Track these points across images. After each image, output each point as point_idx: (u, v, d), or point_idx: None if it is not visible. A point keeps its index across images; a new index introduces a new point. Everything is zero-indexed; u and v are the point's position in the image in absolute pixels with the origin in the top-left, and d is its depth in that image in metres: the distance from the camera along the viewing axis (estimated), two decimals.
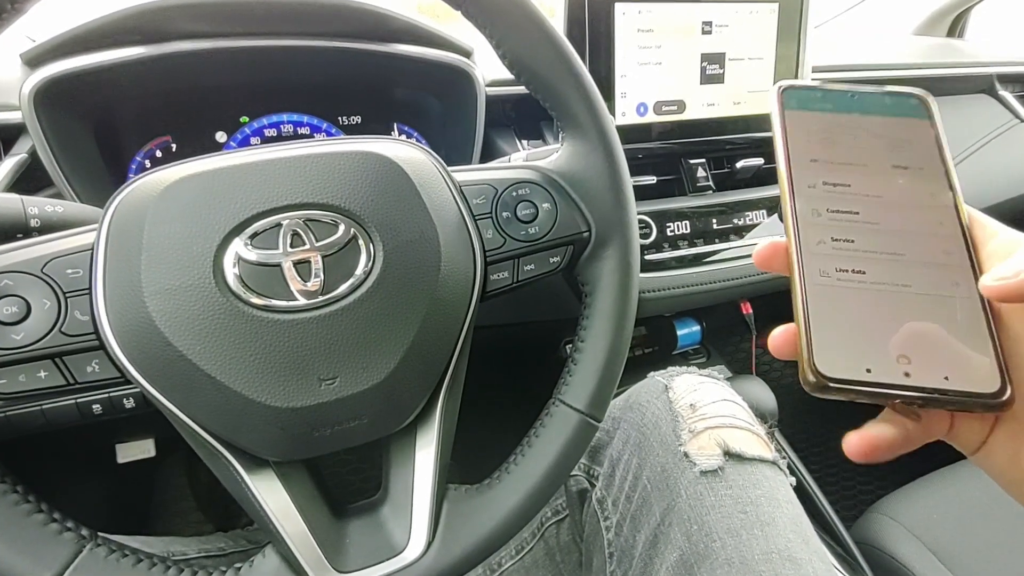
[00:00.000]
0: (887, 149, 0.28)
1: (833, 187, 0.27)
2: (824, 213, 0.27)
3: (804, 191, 0.28)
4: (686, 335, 0.89)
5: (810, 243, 0.26)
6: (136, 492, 0.96)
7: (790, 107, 0.29)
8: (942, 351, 0.24)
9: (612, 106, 0.68)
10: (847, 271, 0.26)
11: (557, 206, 0.41)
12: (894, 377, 0.24)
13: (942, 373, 0.24)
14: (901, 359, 0.24)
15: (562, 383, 0.41)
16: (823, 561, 0.44)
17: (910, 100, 0.29)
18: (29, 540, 0.30)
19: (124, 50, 0.57)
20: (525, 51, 0.38)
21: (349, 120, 0.71)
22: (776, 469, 0.49)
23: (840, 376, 0.24)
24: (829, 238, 0.26)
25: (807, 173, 0.28)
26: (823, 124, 0.29)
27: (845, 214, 0.27)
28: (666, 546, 0.46)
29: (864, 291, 0.25)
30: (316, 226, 0.33)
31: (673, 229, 0.72)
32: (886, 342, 0.24)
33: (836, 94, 0.30)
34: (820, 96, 0.30)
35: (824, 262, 0.26)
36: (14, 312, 0.30)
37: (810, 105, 0.30)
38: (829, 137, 0.29)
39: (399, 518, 0.37)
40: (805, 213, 0.27)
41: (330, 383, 0.33)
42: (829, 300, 0.25)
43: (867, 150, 0.28)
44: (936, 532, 0.67)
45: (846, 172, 0.28)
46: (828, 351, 0.24)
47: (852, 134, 0.29)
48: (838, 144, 0.28)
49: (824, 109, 0.29)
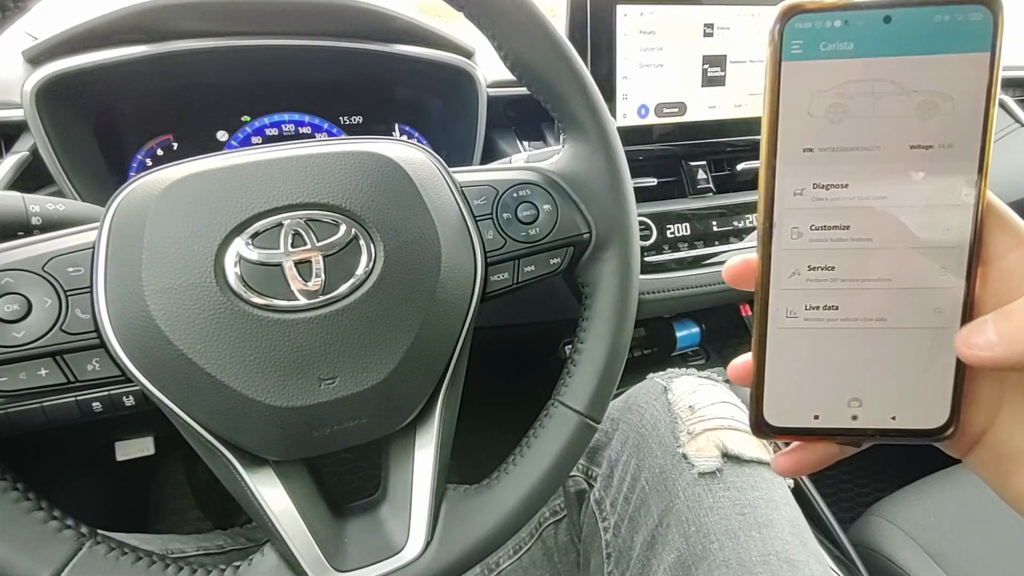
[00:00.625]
0: (915, 116, 0.21)
1: (825, 191, 0.22)
2: (806, 232, 0.23)
3: (787, 201, 0.23)
4: (685, 337, 0.89)
5: (782, 276, 0.23)
6: (135, 490, 0.96)
7: (791, 55, 0.22)
8: (897, 391, 0.23)
9: (613, 108, 0.68)
10: (817, 308, 0.23)
11: (558, 208, 0.41)
12: (841, 422, 0.24)
13: (890, 413, 0.23)
14: (852, 402, 0.24)
15: (561, 384, 0.41)
16: (820, 563, 0.44)
17: (971, 16, 0.21)
18: (28, 537, 0.30)
19: (126, 49, 0.57)
20: (527, 52, 0.38)
21: (350, 120, 0.72)
22: (774, 471, 0.49)
23: (785, 425, 0.24)
24: (805, 267, 0.23)
25: (795, 172, 0.22)
26: (834, 80, 0.22)
27: (831, 231, 0.23)
28: (664, 547, 0.46)
29: (830, 331, 0.23)
30: (317, 226, 0.33)
31: (673, 231, 0.72)
32: (841, 386, 0.24)
33: (864, 19, 0.21)
34: (839, 27, 0.21)
35: (793, 300, 0.23)
36: (15, 310, 0.30)
37: (821, 48, 0.21)
38: (838, 104, 0.22)
39: (398, 518, 0.37)
40: (783, 235, 0.23)
41: (330, 383, 0.33)
42: (789, 346, 0.24)
43: (886, 120, 0.22)
44: (933, 535, 0.67)
45: (847, 164, 0.22)
46: (778, 400, 0.24)
47: (872, 92, 0.21)
48: (848, 115, 0.22)
49: (840, 52, 0.21)
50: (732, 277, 0.26)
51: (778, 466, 0.26)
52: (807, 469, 0.26)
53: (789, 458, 0.26)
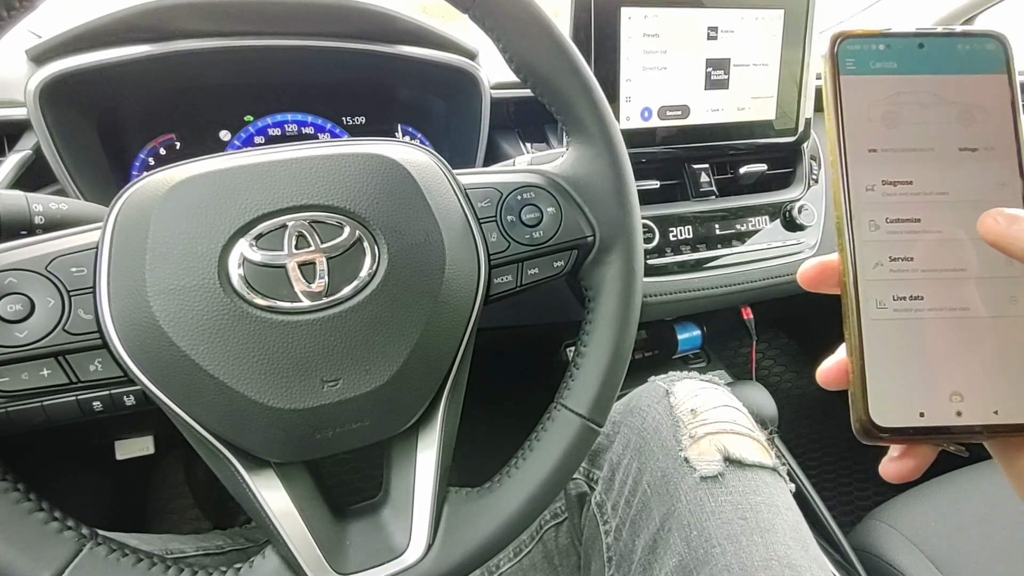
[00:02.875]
0: (957, 123, 0.24)
1: (894, 187, 0.24)
2: (882, 225, 0.24)
3: (861, 197, 0.24)
4: (687, 340, 0.89)
5: (866, 267, 0.24)
6: (134, 489, 0.96)
7: (847, 70, 0.25)
8: (994, 383, 0.23)
9: (617, 110, 0.68)
10: (904, 298, 0.24)
11: (562, 210, 0.41)
12: (946, 419, 0.23)
13: (993, 407, 0.23)
14: (954, 396, 0.23)
15: (564, 387, 0.41)
16: (822, 568, 0.44)
17: (987, 45, 0.25)
18: (29, 539, 0.30)
19: (130, 48, 0.57)
20: (531, 55, 0.38)
21: (353, 120, 0.72)
22: (776, 475, 0.49)
23: (893, 425, 0.23)
24: (887, 258, 0.24)
25: (865, 170, 0.24)
26: (885, 92, 0.25)
27: (906, 223, 0.24)
28: (665, 551, 0.46)
29: (919, 322, 0.24)
30: (321, 228, 0.33)
31: (676, 234, 0.72)
32: (939, 380, 0.23)
33: (901, 44, 0.25)
34: (883, 50, 0.25)
35: (881, 290, 0.24)
36: (18, 310, 0.30)
37: (871, 65, 0.25)
38: (893, 112, 0.25)
39: (400, 520, 0.37)
40: (862, 227, 0.24)
41: (333, 385, 0.33)
42: (885, 338, 0.24)
43: (934, 127, 0.24)
44: (934, 540, 0.67)
45: (909, 163, 0.24)
46: (882, 398, 0.23)
47: (920, 104, 0.25)
48: (902, 121, 0.25)
49: (886, 70, 0.25)
50: (809, 280, 0.26)
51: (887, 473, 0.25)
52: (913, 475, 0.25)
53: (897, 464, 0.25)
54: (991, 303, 0.24)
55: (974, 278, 0.24)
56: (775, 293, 0.77)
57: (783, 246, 0.76)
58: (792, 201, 0.76)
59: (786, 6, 0.71)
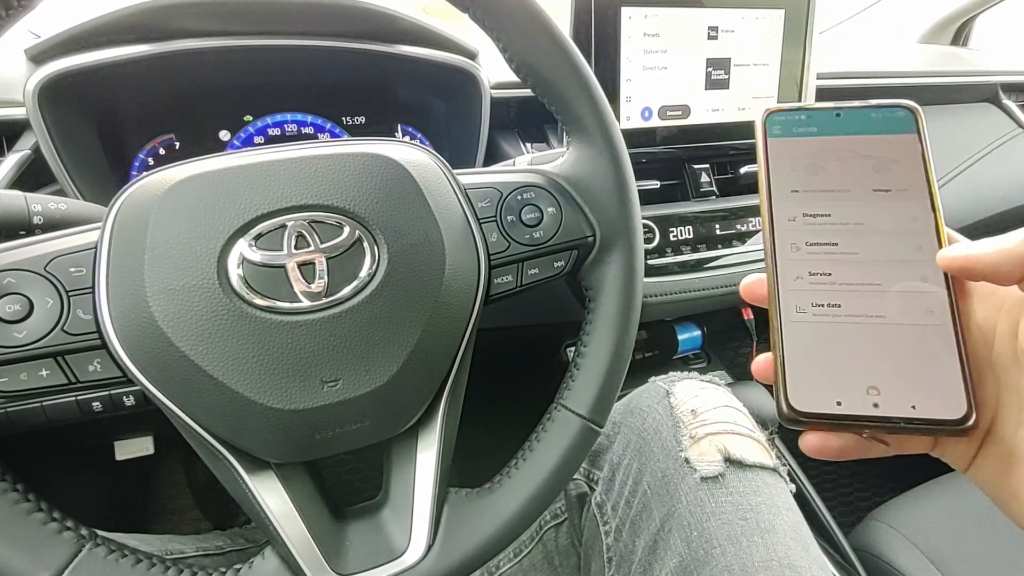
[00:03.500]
0: (871, 171, 0.28)
1: (813, 218, 0.28)
2: (803, 247, 0.27)
3: (784, 225, 0.28)
4: (687, 340, 0.89)
5: (787, 280, 0.27)
6: (134, 489, 0.96)
7: (773, 135, 0.30)
8: (910, 380, 0.25)
9: (617, 110, 0.68)
10: (823, 305, 0.26)
11: (562, 210, 0.41)
12: (863, 408, 0.25)
13: (909, 402, 0.24)
14: (871, 390, 0.25)
15: (564, 388, 0.41)
16: (823, 569, 0.44)
17: (897, 113, 0.29)
18: (28, 539, 0.30)
19: (129, 48, 0.57)
20: (531, 54, 0.38)
21: (353, 120, 0.71)
22: (776, 476, 0.49)
23: (811, 410, 0.25)
24: (807, 273, 0.27)
25: (787, 205, 0.28)
26: (807, 149, 0.29)
27: (824, 246, 0.27)
28: (666, 552, 0.46)
29: (838, 325, 0.26)
30: (321, 228, 0.33)
31: (676, 234, 0.72)
32: (857, 374, 0.25)
33: (821, 115, 0.29)
34: (805, 119, 0.29)
35: (800, 298, 0.27)
36: (16, 310, 0.30)
37: (794, 130, 0.29)
38: (813, 163, 0.29)
39: (399, 521, 0.37)
40: (784, 249, 0.28)
41: (332, 385, 0.32)
42: (803, 336, 0.26)
43: (850, 174, 0.28)
44: (934, 540, 0.67)
45: (827, 201, 0.28)
46: (800, 386, 0.25)
47: (837, 157, 0.29)
48: (821, 170, 0.28)
49: (808, 133, 0.29)
50: (747, 292, 0.29)
51: (805, 445, 0.26)
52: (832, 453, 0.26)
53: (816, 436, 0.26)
54: (908, 313, 0.26)
55: (892, 291, 0.26)
56: None
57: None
58: None
59: (786, 6, 0.71)
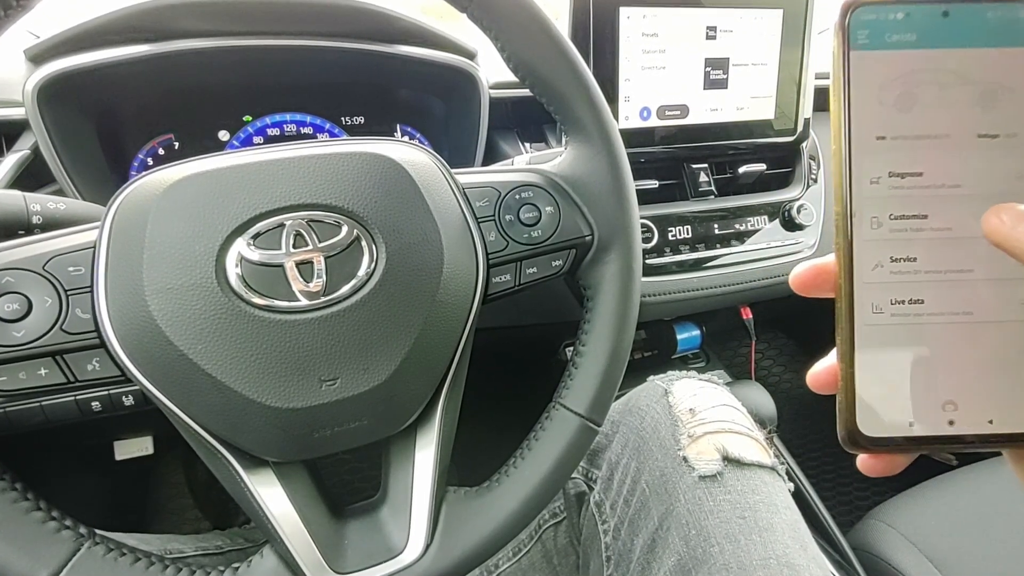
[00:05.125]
0: (978, 105, 0.22)
1: (901, 179, 0.22)
2: (885, 222, 0.22)
3: (865, 191, 0.22)
4: (686, 339, 0.89)
5: (864, 269, 0.23)
6: (133, 489, 0.96)
7: (859, 44, 0.22)
8: (991, 391, 0.22)
9: (615, 110, 0.68)
10: (903, 302, 0.22)
11: (560, 210, 0.41)
12: (937, 428, 0.22)
13: (987, 416, 0.22)
14: (948, 405, 0.22)
15: (562, 386, 0.41)
16: (821, 568, 0.44)
17: (1020, 13, 0.22)
18: (27, 538, 0.30)
19: (128, 48, 0.57)
20: (530, 54, 0.38)
21: (352, 120, 0.72)
22: (775, 475, 0.49)
23: (881, 435, 0.22)
24: (887, 258, 0.22)
25: (871, 160, 0.22)
26: (900, 68, 0.22)
27: (911, 220, 0.22)
28: (664, 550, 0.46)
29: (917, 327, 0.22)
30: (319, 227, 0.33)
31: (675, 233, 0.72)
32: (933, 388, 0.22)
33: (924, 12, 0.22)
34: (902, 19, 0.22)
35: (878, 294, 0.23)
36: (15, 309, 0.30)
37: (886, 38, 0.22)
38: (906, 91, 0.22)
39: (398, 520, 0.37)
40: (863, 225, 0.22)
41: (331, 384, 0.33)
42: (878, 346, 0.22)
43: (952, 110, 0.22)
44: (933, 539, 0.67)
45: (920, 152, 0.22)
46: (871, 408, 0.22)
47: (937, 82, 0.22)
48: (916, 103, 0.22)
49: (903, 44, 0.22)
50: (802, 284, 0.25)
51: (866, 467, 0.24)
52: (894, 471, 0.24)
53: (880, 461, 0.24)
54: (997, 307, 0.22)
55: (981, 280, 0.22)
56: (774, 293, 0.77)
57: (782, 246, 0.76)
58: (791, 201, 0.76)
59: (785, 6, 0.71)
